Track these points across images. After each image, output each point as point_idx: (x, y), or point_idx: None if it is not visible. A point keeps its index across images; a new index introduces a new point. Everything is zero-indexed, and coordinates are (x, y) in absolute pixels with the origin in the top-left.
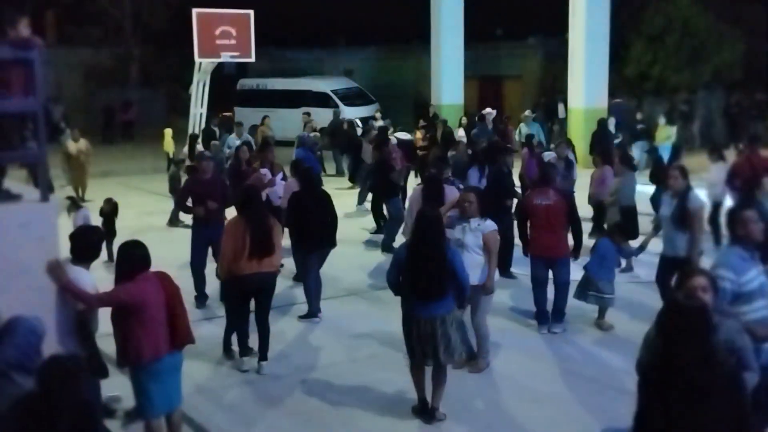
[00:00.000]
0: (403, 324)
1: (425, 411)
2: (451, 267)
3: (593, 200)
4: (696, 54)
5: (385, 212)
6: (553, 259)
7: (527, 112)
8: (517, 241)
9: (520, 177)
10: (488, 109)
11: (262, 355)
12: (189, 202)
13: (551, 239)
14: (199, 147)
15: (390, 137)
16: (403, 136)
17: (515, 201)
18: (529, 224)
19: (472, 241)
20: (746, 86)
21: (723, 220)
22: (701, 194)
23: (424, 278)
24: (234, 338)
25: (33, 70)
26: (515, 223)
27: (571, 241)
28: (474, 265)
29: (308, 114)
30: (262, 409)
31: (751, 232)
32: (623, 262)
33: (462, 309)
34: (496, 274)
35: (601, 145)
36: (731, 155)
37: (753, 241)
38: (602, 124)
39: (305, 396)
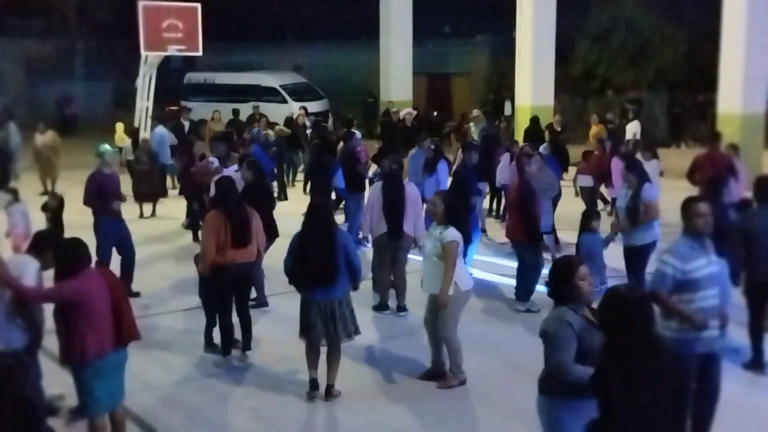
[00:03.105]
0: (301, 308)
1: (315, 389)
2: (345, 252)
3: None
4: (640, 54)
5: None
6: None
7: (475, 112)
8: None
9: None
10: (408, 109)
11: (246, 345)
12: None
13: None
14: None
15: (354, 132)
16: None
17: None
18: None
19: (430, 248)
20: (689, 86)
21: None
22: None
23: (316, 264)
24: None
25: None
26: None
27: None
28: (430, 274)
29: (258, 107)
30: (216, 406)
31: (699, 224)
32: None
33: (355, 290)
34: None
35: (534, 141)
36: (673, 153)
37: (701, 233)
38: (535, 121)
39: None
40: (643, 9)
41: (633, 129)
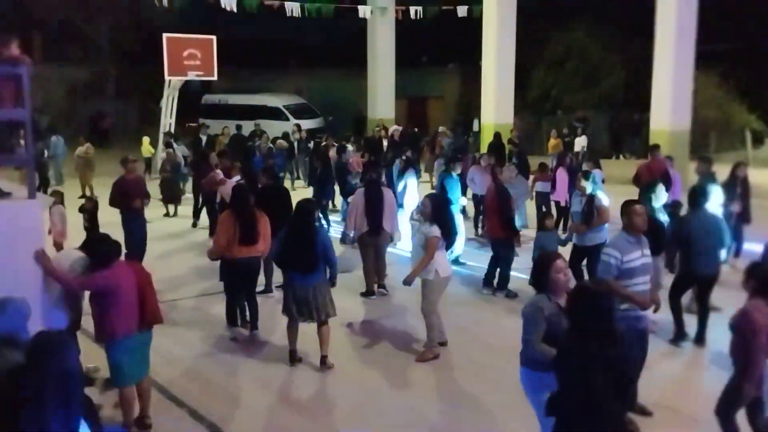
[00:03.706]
0: (284, 289)
1: (294, 359)
2: (323, 247)
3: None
4: (589, 78)
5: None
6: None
7: (441, 128)
8: None
9: None
10: (396, 126)
11: (254, 325)
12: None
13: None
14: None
15: (348, 146)
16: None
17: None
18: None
19: (417, 241)
20: (627, 107)
21: None
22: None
23: (298, 254)
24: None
25: (22, 84)
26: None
27: None
28: (417, 261)
29: (258, 125)
30: (228, 378)
31: (636, 222)
32: None
33: (332, 282)
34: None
35: (497, 153)
36: (613, 163)
37: (637, 229)
38: (497, 136)
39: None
40: (589, 40)
41: (581, 143)
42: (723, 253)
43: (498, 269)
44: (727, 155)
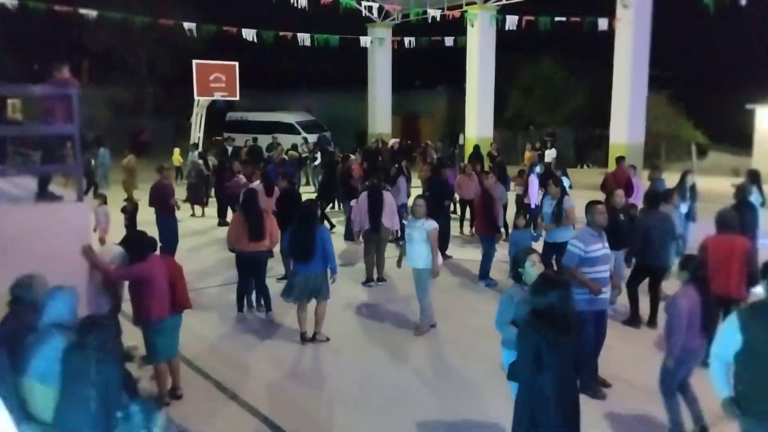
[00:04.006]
0: (290, 276)
1: (305, 339)
2: (321, 242)
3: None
4: (554, 100)
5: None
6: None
7: (428, 142)
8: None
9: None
10: (395, 139)
11: (267, 307)
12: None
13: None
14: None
15: (351, 156)
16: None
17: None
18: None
19: (418, 235)
20: (589, 123)
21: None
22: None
23: (300, 246)
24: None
25: (72, 103)
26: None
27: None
28: (419, 253)
29: (276, 137)
30: (246, 354)
31: (597, 219)
32: None
33: (332, 270)
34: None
35: (476, 161)
36: (578, 172)
37: (599, 225)
38: (476, 147)
39: (280, 341)
40: (556, 68)
41: (551, 155)
42: (674, 247)
43: (484, 263)
44: (676, 165)
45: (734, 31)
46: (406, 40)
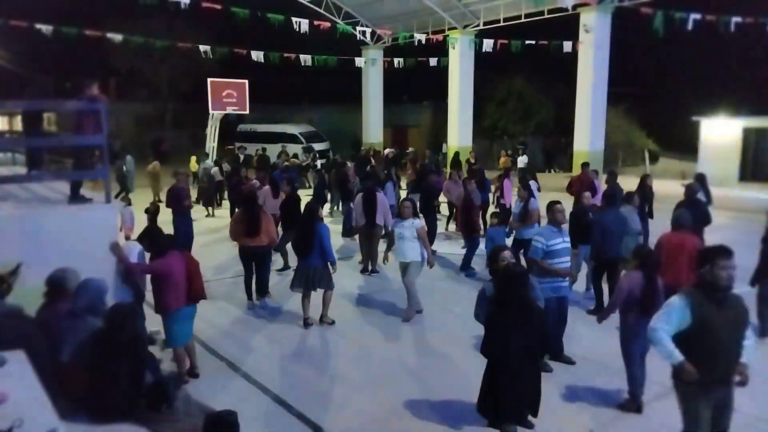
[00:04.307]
0: (295, 270)
1: (308, 324)
2: (319, 238)
3: (448, 200)
4: (526, 113)
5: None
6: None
7: (411, 149)
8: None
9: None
10: (390, 149)
11: (260, 293)
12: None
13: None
14: (209, 163)
15: (347, 162)
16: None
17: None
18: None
19: (409, 233)
20: (556, 133)
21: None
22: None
23: (301, 243)
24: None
25: (100, 117)
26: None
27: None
28: (410, 248)
29: (284, 146)
30: (254, 337)
31: (557, 217)
32: None
33: (331, 263)
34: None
35: (457, 167)
36: (546, 176)
37: (558, 222)
38: (456, 154)
39: (283, 326)
40: (527, 85)
41: (523, 161)
42: (630, 242)
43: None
44: (631, 170)
45: (682, 52)
46: (396, 60)
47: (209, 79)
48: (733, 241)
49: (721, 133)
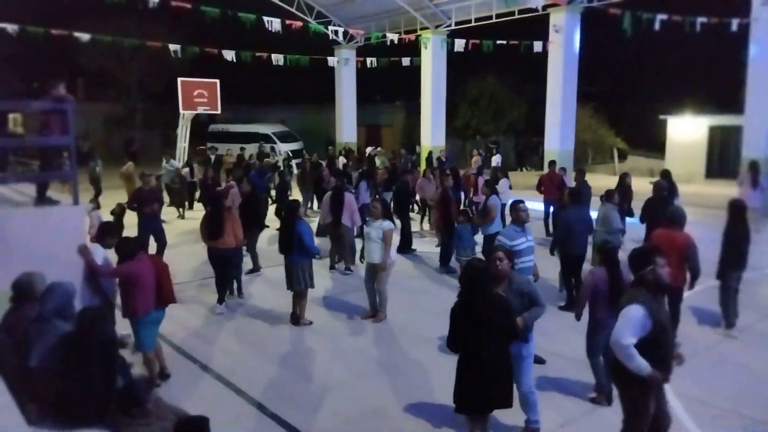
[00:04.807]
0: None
1: (293, 321)
2: (299, 235)
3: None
4: (498, 113)
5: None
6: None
7: (375, 149)
8: None
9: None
10: (369, 148)
11: (235, 294)
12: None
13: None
14: (174, 163)
15: (321, 162)
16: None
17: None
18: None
19: (375, 235)
20: (527, 133)
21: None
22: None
23: (282, 242)
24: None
25: (67, 117)
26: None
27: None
28: (376, 249)
29: (263, 146)
30: (221, 336)
31: (520, 216)
32: None
33: (315, 255)
34: (396, 255)
35: (430, 166)
36: (518, 175)
37: (522, 221)
38: (429, 153)
39: (249, 322)
40: (499, 85)
41: (496, 160)
42: (615, 240)
43: (445, 252)
44: (601, 167)
45: (650, 52)
46: (368, 60)
47: (180, 79)
48: (700, 237)
49: (687, 131)
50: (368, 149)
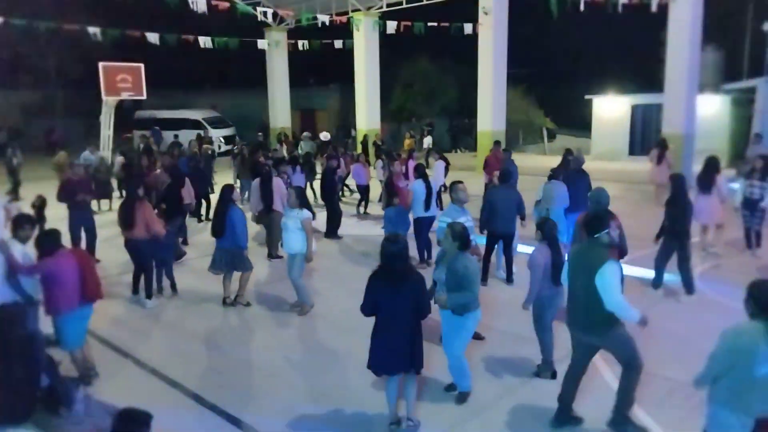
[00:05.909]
0: (214, 251)
1: (227, 303)
2: (230, 220)
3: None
4: (431, 95)
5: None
6: None
7: (305, 134)
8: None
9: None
10: (323, 133)
11: (135, 287)
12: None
13: None
14: (100, 154)
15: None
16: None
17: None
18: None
19: (292, 224)
20: (460, 114)
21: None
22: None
23: (214, 226)
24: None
25: None
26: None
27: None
28: (294, 239)
29: (200, 134)
30: (154, 329)
31: (461, 197)
32: None
33: (242, 249)
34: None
35: (366, 150)
36: (452, 156)
37: (461, 201)
38: (365, 137)
39: (185, 317)
40: (431, 67)
41: (428, 142)
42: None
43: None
44: (531, 147)
45: (575, 33)
46: (300, 42)
47: (101, 63)
48: (623, 211)
49: (611, 110)
50: (322, 134)
